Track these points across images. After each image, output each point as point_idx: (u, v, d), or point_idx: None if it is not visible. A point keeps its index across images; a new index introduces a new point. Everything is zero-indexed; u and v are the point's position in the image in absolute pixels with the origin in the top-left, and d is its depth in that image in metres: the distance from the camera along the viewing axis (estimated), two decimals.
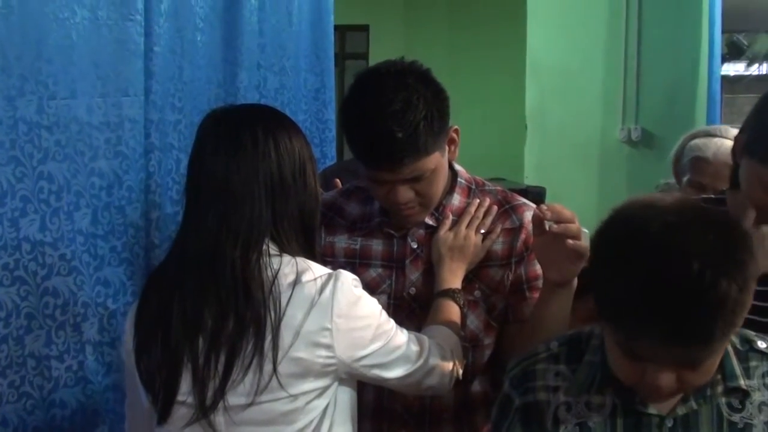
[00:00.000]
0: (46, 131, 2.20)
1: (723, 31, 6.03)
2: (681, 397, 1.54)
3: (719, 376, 1.55)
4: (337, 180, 2.82)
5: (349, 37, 8.70)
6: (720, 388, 1.55)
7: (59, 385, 2.28)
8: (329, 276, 1.79)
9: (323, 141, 3.68)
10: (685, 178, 3.09)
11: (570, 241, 1.90)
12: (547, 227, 1.92)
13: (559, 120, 5.97)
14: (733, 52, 9.38)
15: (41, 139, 2.19)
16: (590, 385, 1.59)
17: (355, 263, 2.21)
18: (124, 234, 2.48)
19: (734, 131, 3.01)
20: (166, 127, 2.64)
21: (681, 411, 1.55)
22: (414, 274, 2.20)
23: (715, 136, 3.06)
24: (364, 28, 8.45)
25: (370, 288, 1.87)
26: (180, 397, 1.77)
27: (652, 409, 1.55)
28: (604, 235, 1.47)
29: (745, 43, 9.23)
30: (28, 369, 2.19)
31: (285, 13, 3.33)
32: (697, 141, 3.09)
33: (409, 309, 2.18)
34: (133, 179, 2.49)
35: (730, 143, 2.92)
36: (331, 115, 3.69)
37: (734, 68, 10.56)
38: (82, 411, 2.35)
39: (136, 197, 2.50)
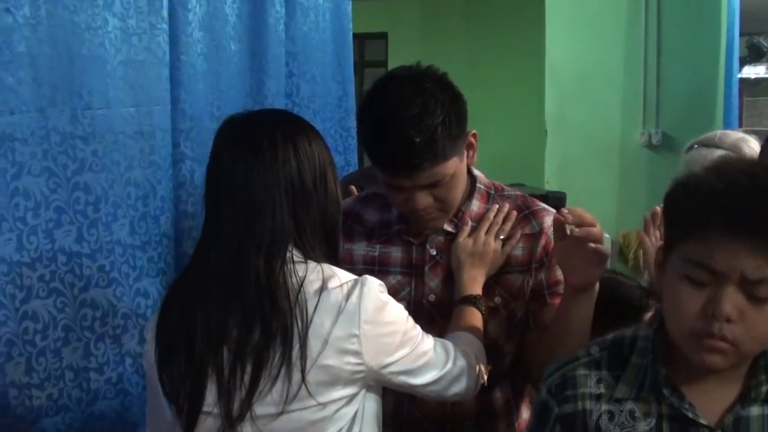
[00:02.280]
0: (81, 141, 2.18)
1: (743, 34, 6.00)
2: (727, 407, 1.51)
3: (763, 377, 1.52)
4: (352, 187, 2.80)
5: (368, 45, 8.73)
6: (764, 389, 1.51)
7: (98, 398, 2.26)
8: (355, 282, 1.77)
9: (346, 149, 3.67)
10: None
11: (591, 245, 1.88)
12: (568, 231, 1.90)
13: (579, 124, 5.96)
14: (753, 55, 9.28)
15: (76, 150, 2.17)
16: (640, 388, 1.56)
17: (374, 270, 2.20)
18: (159, 244, 2.47)
19: (732, 139, 2.96)
20: (205, 137, 2.60)
21: (728, 420, 1.51)
22: (433, 281, 2.19)
23: (707, 146, 2.99)
24: (383, 36, 8.48)
25: (389, 295, 1.86)
26: (206, 408, 1.75)
27: (703, 419, 1.51)
28: (677, 180, 1.54)
29: (766, 45, 9.15)
30: (66, 381, 2.18)
31: (314, 20, 3.33)
32: (691, 153, 3.03)
33: (429, 316, 2.16)
34: (164, 189, 2.48)
35: (717, 153, 2.86)
36: (353, 122, 3.67)
37: (755, 71, 10.48)
38: (121, 423, 2.33)
39: (167, 207, 2.49)
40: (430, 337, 1.91)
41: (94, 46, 2.21)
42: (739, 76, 6.27)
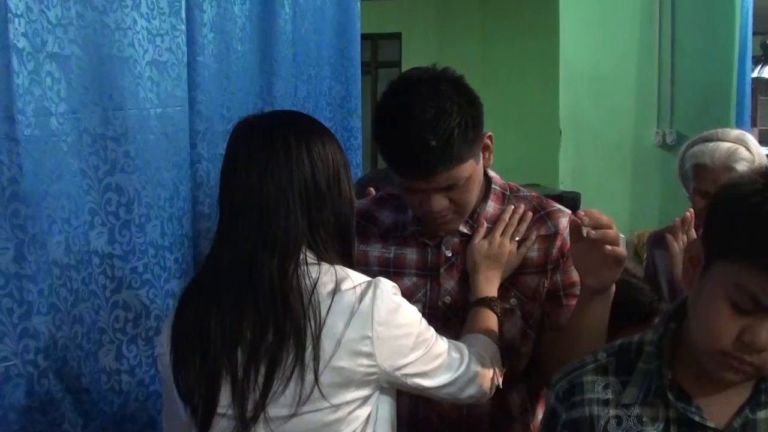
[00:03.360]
0: (112, 142, 2.18)
1: (756, 33, 5.99)
2: (736, 410, 1.50)
3: None
4: (371, 188, 2.80)
5: (382, 46, 8.74)
6: None
7: (130, 400, 2.27)
8: (368, 284, 1.76)
9: (349, 148, 3.66)
10: (691, 186, 3.06)
11: (608, 247, 1.87)
12: (584, 233, 1.90)
13: (593, 125, 5.96)
14: (767, 54, 9.27)
15: (107, 151, 2.17)
16: (646, 392, 1.55)
17: (389, 272, 2.20)
18: (182, 245, 2.47)
19: (735, 133, 2.97)
20: (217, 138, 2.62)
21: (737, 423, 1.50)
22: (449, 283, 2.18)
23: (711, 140, 2.99)
24: (397, 36, 8.47)
25: (405, 297, 1.85)
26: (220, 410, 1.75)
27: (710, 422, 1.49)
28: (731, 187, 1.46)
29: None
30: (101, 384, 2.18)
31: (312, 22, 3.33)
32: (694, 148, 3.05)
33: (445, 318, 2.16)
34: (185, 189, 2.48)
35: (726, 145, 2.88)
36: (357, 122, 3.69)
37: None
38: (152, 425, 2.34)
39: (187, 208, 2.50)
40: (444, 339, 1.90)
41: (124, 47, 2.22)
42: (754, 75, 6.27)
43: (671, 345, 1.56)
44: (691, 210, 2.70)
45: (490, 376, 1.96)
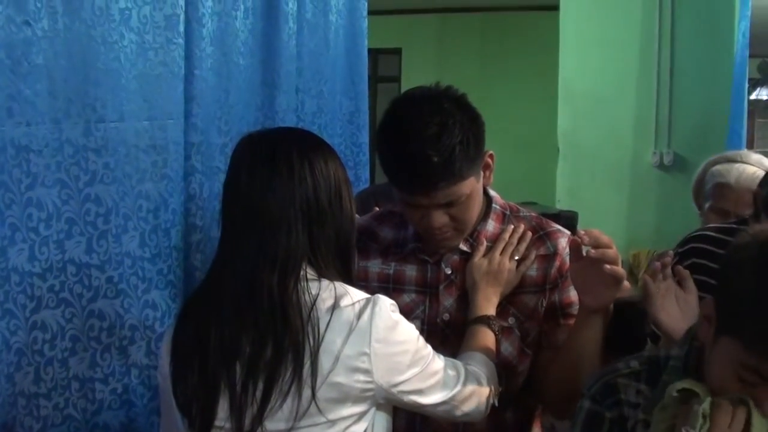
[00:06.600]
0: (93, 154, 2.19)
1: (755, 56, 5.99)
2: None
3: None
4: (376, 208, 2.80)
5: (382, 61, 8.76)
6: None
7: (103, 408, 2.27)
8: (367, 301, 1.78)
9: (357, 164, 3.70)
10: (707, 204, 3.08)
11: (607, 266, 1.89)
12: (584, 252, 1.91)
13: (591, 144, 5.96)
14: (766, 76, 9.28)
15: (88, 162, 2.18)
16: None
17: (388, 288, 2.20)
18: (169, 257, 2.47)
19: (755, 156, 3.01)
20: (213, 151, 2.64)
21: None
22: (448, 300, 2.19)
23: (735, 161, 3.06)
24: (397, 52, 8.50)
25: (404, 313, 1.86)
26: (218, 423, 1.77)
27: None
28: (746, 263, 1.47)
29: None
30: (72, 391, 2.18)
31: (323, 38, 3.35)
32: (718, 167, 3.09)
33: (443, 335, 2.16)
34: (176, 202, 2.48)
35: (751, 169, 2.93)
36: (365, 138, 3.71)
37: (767, 92, 10.47)
38: None
39: (179, 220, 2.50)
40: (441, 357, 1.91)
41: (109, 60, 2.22)
42: (751, 97, 6.28)
43: (696, 362, 1.59)
44: (671, 253, 2.70)
45: (486, 395, 1.97)
